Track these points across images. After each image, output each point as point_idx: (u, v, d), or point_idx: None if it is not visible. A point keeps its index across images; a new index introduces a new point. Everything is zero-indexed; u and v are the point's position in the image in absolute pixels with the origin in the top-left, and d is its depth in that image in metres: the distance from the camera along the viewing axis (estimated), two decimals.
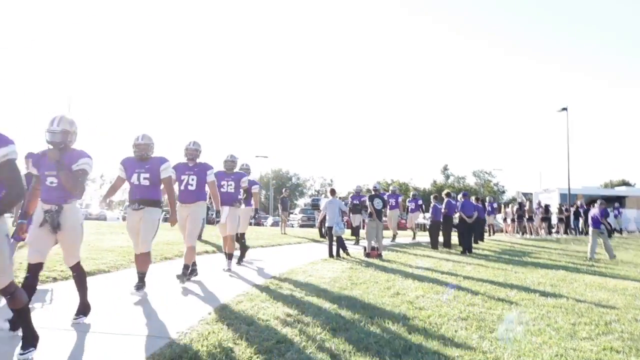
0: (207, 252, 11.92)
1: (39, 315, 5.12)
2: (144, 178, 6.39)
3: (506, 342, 4.56)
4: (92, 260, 8.97)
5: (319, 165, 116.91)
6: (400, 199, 18.36)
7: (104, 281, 7.41)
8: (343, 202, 13.06)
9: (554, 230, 26.66)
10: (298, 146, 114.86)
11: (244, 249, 10.11)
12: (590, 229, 14.77)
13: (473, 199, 17.69)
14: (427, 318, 5.40)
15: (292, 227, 30.88)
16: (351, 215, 16.08)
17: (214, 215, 7.90)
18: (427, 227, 17.84)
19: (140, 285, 6.30)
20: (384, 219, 13.24)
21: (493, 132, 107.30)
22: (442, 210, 15.52)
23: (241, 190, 9.08)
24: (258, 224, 36.22)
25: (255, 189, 10.05)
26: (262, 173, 75.88)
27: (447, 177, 76.54)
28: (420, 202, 19.37)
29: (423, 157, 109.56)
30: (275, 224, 35.89)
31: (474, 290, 7.34)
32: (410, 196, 19.69)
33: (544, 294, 7.33)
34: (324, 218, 12.87)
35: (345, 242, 12.50)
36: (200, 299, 6.18)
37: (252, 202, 10.36)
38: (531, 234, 24.47)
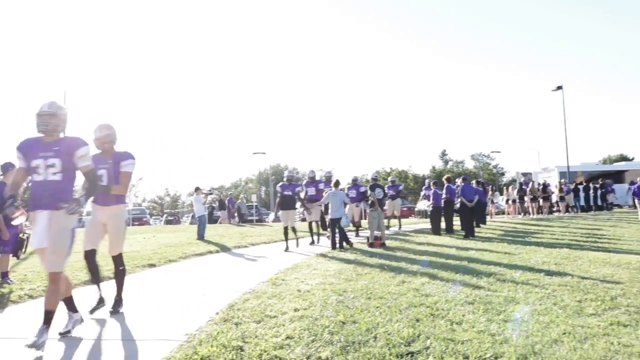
0: (210, 252, 11.95)
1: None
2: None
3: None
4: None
5: (318, 157, 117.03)
6: (401, 188, 18.41)
7: (109, 287, 7.41)
8: (346, 194, 13.07)
9: (554, 209, 26.71)
10: (295, 140, 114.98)
11: (119, 284, 5.94)
12: (637, 200, 19.00)
13: (474, 182, 17.71)
14: (434, 304, 5.42)
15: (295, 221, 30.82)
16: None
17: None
18: (429, 213, 17.85)
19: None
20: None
21: (490, 114, 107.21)
22: (443, 196, 15.53)
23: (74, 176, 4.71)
24: (260, 220, 36.25)
25: (127, 166, 5.56)
26: (260, 169, 75.91)
27: (446, 162, 76.46)
28: (400, 187, 18.97)
29: (421, 143, 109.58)
30: (277, 219, 35.83)
31: (479, 274, 7.37)
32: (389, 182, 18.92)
33: (548, 273, 7.36)
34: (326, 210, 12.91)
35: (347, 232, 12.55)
36: (207, 299, 6.19)
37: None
38: (533, 214, 24.53)
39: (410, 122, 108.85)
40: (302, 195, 13.48)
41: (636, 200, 18.96)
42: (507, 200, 25.46)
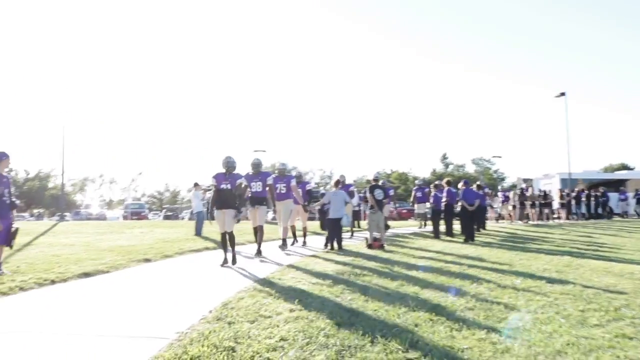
0: (207, 248, 11.81)
1: (30, 319, 5.01)
2: None
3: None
4: (92, 260, 8.88)
5: (318, 157, 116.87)
6: (391, 192, 18.26)
7: (104, 282, 7.30)
8: (347, 194, 12.86)
9: (555, 216, 26.56)
10: (297, 138, 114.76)
11: None
12: None
13: (475, 186, 17.56)
14: (433, 309, 5.27)
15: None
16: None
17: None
18: (428, 216, 17.72)
19: None
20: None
21: (492, 119, 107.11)
22: (443, 199, 15.39)
23: None
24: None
25: None
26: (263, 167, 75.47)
27: (447, 165, 76.38)
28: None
29: (422, 146, 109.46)
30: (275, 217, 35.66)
31: (479, 279, 7.22)
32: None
33: (550, 280, 7.20)
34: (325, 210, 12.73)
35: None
36: (200, 297, 6.05)
37: None
38: (533, 220, 24.38)
39: (412, 125, 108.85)
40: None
41: None
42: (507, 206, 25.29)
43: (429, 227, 18.16)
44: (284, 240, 11.51)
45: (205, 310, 5.18)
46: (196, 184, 16.97)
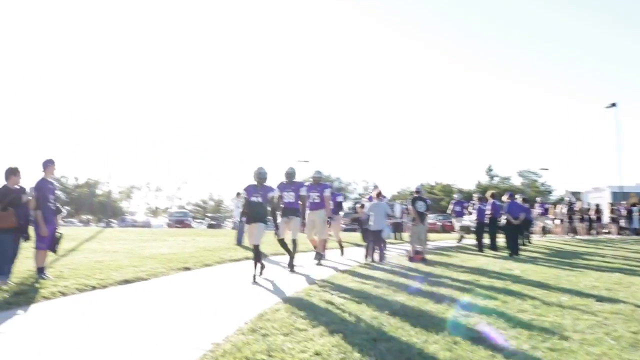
0: (247, 258, 11.80)
1: (65, 325, 5.07)
2: None
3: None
4: (133, 267, 9.00)
5: (362, 168, 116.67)
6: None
7: (142, 289, 7.37)
8: (389, 206, 12.72)
9: (605, 231, 25.62)
10: (339, 149, 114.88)
11: None
12: None
13: (520, 199, 17.11)
14: (473, 326, 5.09)
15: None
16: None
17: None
18: (471, 229, 17.37)
19: None
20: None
21: (540, 130, 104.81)
22: (488, 212, 15.03)
23: None
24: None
25: None
26: (303, 178, 75.65)
27: (492, 177, 74.88)
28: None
29: (467, 158, 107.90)
30: None
31: (523, 295, 6.97)
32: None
33: (599, 298, 6.88)
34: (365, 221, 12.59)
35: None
36: (238, 307, 6.03)
37: None
38: (582, 234, 23.58)
39: (458, 136, 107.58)
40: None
41: None
42: (554, 219, 24.53)
43: (466, 240, 17.89)
44: (319, 254, 11.11)
45: (241, 321, 5.14)
46: (239, 194, 17.14)
